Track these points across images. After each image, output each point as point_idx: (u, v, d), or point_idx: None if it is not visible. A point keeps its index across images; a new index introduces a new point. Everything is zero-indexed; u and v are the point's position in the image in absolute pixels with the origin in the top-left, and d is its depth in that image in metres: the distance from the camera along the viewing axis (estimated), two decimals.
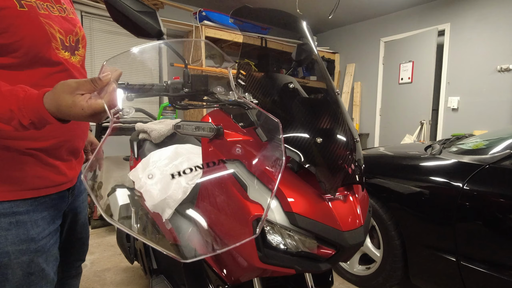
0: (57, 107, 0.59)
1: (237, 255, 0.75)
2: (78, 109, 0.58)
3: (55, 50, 0.76)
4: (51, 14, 0.77)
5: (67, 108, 0.58)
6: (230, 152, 0.82)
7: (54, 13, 0.79)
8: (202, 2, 4.28)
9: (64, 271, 1.10)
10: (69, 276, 1.14)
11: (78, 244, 1.10)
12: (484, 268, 1.39)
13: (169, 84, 0.89)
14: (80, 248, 1.12)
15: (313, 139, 0.73)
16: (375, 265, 1.89)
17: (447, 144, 2.04)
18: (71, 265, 1.13)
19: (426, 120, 4.07)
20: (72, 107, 0.58)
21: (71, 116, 0.59)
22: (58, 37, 0.77)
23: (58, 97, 0.58)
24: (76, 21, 0.88)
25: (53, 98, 0.59)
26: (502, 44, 3.54)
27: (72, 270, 1.14)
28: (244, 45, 0.95)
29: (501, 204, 1.37)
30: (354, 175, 0.75)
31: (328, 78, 0.89)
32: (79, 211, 1.05)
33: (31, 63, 0.72)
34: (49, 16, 0.76)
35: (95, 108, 0.58)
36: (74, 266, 1.14)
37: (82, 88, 0.59)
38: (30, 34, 0.70)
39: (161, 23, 0.84)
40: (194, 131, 0.85)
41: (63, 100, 0.58)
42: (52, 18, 0.77)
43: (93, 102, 0.58)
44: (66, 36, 0.81)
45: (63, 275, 1.11)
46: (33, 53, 0.72)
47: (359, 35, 5.01)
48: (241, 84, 0.82)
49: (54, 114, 0.60)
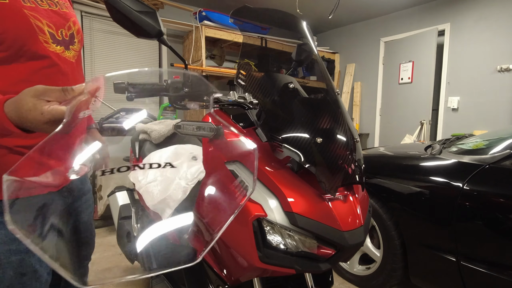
0: (17, 111, 0.54)
1: (237, 255, 0.75)
2: (37, 113, 0.53)
3: (44, 43, 0.75)
4: (38, 7, 0.76)
5: (26, 112, 0.53)
6: (230, 152, 0.82)
7: (42, 6, 0.77)
8: (202, 2, 4.28)
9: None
10: None
11: (83, 244, 1.11)
12: (484, 268, 1.39)
13: (169, 83, 0.89)
14: (85, 247, 1.13)
15: (313, 139, 0.73)
16: (375, 265, 1.89)
17: (447, 144, 2.04)
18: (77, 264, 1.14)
19: (426, 120, 4.07)
20: (32, 110, 0.53)
21: (28, 120, 0.54)
22: (46, 30, 0.76)
23: (21, 100, 0.54)
24: (69, 15, 0.86)
25: (15, 101, 0.55)
26: (502, 44, 3.54)
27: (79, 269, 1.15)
28: (244, 45, 0.95)
29: (501, 204, 1.37)
30: (354, 175, 0.75)
31: (328, 78, 0.89)
32: (81, 211, 1.05)
33: (17, 56, 0.71)
34: (36, 9, 0.74)
35: (55, 114, 0.53)
36: (80, 266, 1.14)
37: (50, 94, 0.54)
38: (13, 27, 0.68)
39: (161, 23, 0.84)
40: (194, 131, 0.85)
41: (24, 103, 0.53)
42: (39, 11, 0.75)
43: (54, 107, 0.53)
44: (57, 30, 0.79)
45: None
46: (18, 46, 0.70)
47: (359, 35, 5.01)
48: (241, 84, 0.82)
49: (15, 122, 0.55)
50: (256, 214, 0.70)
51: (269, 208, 0.71)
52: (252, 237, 0.70)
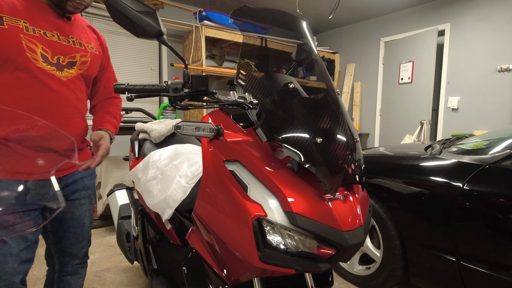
0: None
1: (237, 255, 0.75)
2: None
3: (32, 59, 0.93)
4: (42, 36, 0.96)
5: None
6: (230, 152, 0.82)
7: (50, 38, 0.99)
8: (202, 2, 4.28)
9: (60, 265, 1.17)
10: (65, 272, 1.18)
11: (72, 240, 1.15)
12: (484, 268, 1.39)
13: (169, 84, 0.89)
14: (74, 244, 1.16)
15: (313, 139, 0.73)
16: (375, 265, 1.89)
17: (447, 144, 2.04)
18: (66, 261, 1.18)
19: (426, 120, 4.07)
20: None
21: None
22: (39, 52, 0.95)
23: None
24: (79, 51, 1.07)
25: None
26: (502, 44, 3.54)
27: (67, 267, 1.18)
28: (244, 45, 0.95)
29: (501, 204, 1.37)
30: (354, 175, 0.75)
31: (328, 78, 0.89)
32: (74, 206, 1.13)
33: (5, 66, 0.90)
34: (38, 37, 0.95)
35: None
36: (70, 263, 1.18)
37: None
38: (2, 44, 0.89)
39: (161, 23, 0.84)
40: (194, 131, 0.85)
41: None
42: (40, 39, 0.96)
43: None
44: (53, 55, 0.99)
45: (60, 270, 1.18)
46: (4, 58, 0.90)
47: (359, 35, 5.01)
48: (241, 84, 0.82)
49: None
50: (256, 214, 0.70)
51: (269, 208, 0.71)
52: (252, 237, 0.70)
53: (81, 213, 1.15)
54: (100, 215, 2.89)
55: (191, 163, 1.26)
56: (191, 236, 1.01)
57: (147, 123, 1.74)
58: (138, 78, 4.14)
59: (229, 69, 4.21)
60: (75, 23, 1.10)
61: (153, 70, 4.29)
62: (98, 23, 3.83)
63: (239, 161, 0.79)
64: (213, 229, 0.83)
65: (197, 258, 0.99)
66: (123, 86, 0.86)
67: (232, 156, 0.81)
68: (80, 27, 1.13)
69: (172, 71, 4.30)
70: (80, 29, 1.12)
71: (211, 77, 4.39)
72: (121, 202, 1.88)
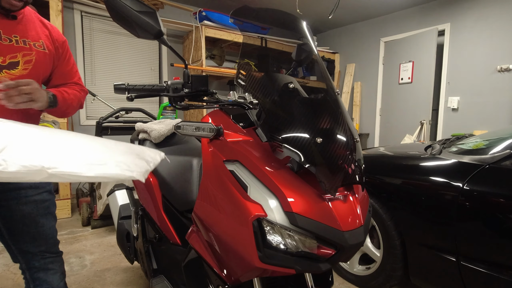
0: None
1: (237, 255, 0.75)
2: None
3: None
4: None
5: None
6: (230, 152, 0.82)
7: None
8: (202, 2, 4.28)
9: (26, 260, 1.13)
10: (34, 268, 1.14)
11: (25, 235, 1.11)
12: (484, 268, 1.39)
13: (169, 84, 0.89)
14: (28, 241, 1.12)
15: (313, 139, 0.73)
16: (375, 265, 1.89)
17: (447, 144, 2.04)
18: (28, 257, 1.14)
19: (426, 120, 4.07)
20: None
21: None
22: None
23: None
24: (23, 49, 1.03)
25: None
26: (502, 44, 3.54)
27: (33, 262, 1.14)
28: (244, 45, 0.95)
29: (501, 204, 1.36)
30: (354, 175, 0.75)
31: (328, 78, 0.89)
32: (21, 203, 1.08)
33: None
34: None
35: None
36: (35, 258, 1.14)
37: None
38: None
39: (161, 23, 0.84)
40: (194, 131, 0.86)
41: None
42: None
43: None
44: None
45: (28, 266, 1.14)
46: None
47: (359, 35, 5.01)
48: (241, 84, 0.82)
49: None
50: (256, 214, 0.70)
51: (269, 208, 0.71)
52: (252, 237, 0.70)
53: (29, 212, 1.10)
54: (100, 215, 2.88)
55: None
56: (191, 236, 1.01)
57: (147, 123, 1.73)
58: (138, 78, 4.14)
59: (229, 69, 4.21)
60: (22, 20, 1.05)
61: (153, 70, 4.29)
62: (98, 23, 3.84)
63: (239, 161, 0.79)
64: (213, 229, 0.82)
65: (197, 258, 0.99)
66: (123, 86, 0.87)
67: (232, 156, 0.81)
68: (28, 24, 1.06)
69: (172, 71, 4.31)
70: (29, 27, 1.06)
71: (211, 77, 4.39)
72: (121, 202, 1.88)
